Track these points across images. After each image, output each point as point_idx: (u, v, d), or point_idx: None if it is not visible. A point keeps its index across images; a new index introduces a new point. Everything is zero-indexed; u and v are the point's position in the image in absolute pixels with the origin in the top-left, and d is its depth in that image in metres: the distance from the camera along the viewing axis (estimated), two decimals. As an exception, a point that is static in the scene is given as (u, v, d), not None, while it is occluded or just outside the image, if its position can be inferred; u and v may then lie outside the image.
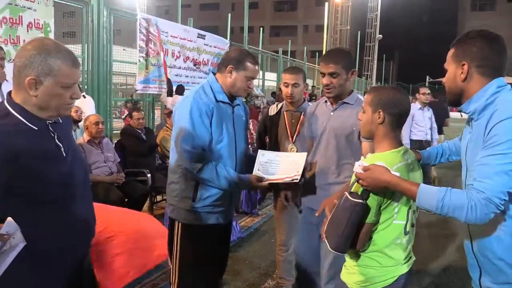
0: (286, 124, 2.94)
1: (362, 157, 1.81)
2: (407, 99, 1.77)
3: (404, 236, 1.72)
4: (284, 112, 2.98)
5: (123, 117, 9.36)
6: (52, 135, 1.49)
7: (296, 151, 2.82)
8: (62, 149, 1.51)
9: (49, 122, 1.49)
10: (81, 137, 4.62)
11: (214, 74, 2.39)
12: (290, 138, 2.92)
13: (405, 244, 1.74)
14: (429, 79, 37.10)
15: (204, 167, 2.19)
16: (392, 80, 47.01)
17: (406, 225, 1.71)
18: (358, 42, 27.78)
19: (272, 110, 3.08)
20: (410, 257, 1.80)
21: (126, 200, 4.32)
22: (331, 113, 2.46)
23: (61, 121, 1.58)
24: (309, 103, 3.02)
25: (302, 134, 2.85)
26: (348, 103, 2.42)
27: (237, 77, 2.31)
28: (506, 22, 45.60)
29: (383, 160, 1.67)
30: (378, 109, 1.73)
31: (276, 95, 12.44)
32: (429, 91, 6.08)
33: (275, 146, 2.96)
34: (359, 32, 27.83)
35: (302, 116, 2.90)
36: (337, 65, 2.31)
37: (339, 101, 2.44)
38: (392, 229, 1.69)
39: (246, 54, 2.37)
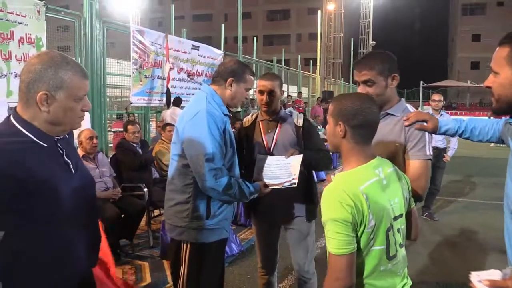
0: (262, 134, 2.68)
1: (332, 176, 1.58)
2: (371, 108, 1.52)
3: (388, 261, 1.49)
4: (260, 122, 2.72)
5: (113, 130, 9.28)
6: (61, 152, 1.45)
7: None
8: (71, 165, 1.47)
9: (57, 139, 1.45)
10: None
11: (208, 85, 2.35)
12: (266, 149, 2.65)
13: (393, 269, 1.51)
14: (423, 84, 37.30)
15: (229, 184, 2.13)
16: (386, 86, 47.11)
17: (388, 249, 1.48)
18: (352, 49, 27.90)
19: (247, 121, 2.82)
20: (404, 284, 1.58)
21: (122, 216, 4.22)
22: None
23: (67, 136, 1.54)
24: (287, 111, 2.77)
25: (279, 144, 2.62)
26: (392, 115, 2.00)
27: (237, 89, 2.31)
28: (496, 26, 46.05)
29: (350, 179, 1.44)
30: (338, 121, 1.51)
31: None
32: (439, 98, 5.94)
33: (252, 159, 2.66)
34: (352, 39, 27.97)
35: (279, 125, 2.67)
36: (372, 71, 1.95)
37: (381, 111, 2.03)
38: (372, 256, 1.46)
39: (245, 66, 2.37)
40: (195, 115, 2.15)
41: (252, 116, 2.83)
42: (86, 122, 6.42)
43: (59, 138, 1.46)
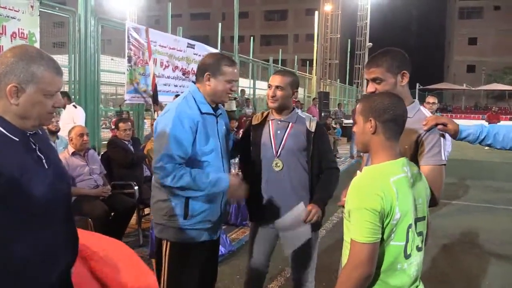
0: (271, 134, 2.52)
1: (358, 171, 1.63)
2: (400, 104, 1.57)
3: (405, 260, 1.49)
4: (270, 121, 2.56)
5: (113, 127, 9.26)
6: (34, 146, 1.43)
7: (282, 168, 2.47)
8: (44, 160, 1.44)
9: (29, 133, 1.43)
10: (61, 148, 4.48)
11: (194, 83, 2.33)
12: (274, 152, 2.49)
13: (408, 270, 1.50)
14: (419, 86, 37.41)
15: (180, 174, 2.10)
16: (383, 88, 47.26)
17: (406, 247, 1.48)
18: (349, 50, 27.95)
19: (256, 119, 2.64)
20: (416, 287, 1.57)
21: (112, 214, 4.18)
22: None
23: (40, 132, 1.52)
24: (300, 112, 2.64)
25: (288, 147, 2.48)
26: None
27: (216, 83, 2.25)
28: (493, 29, 46.38)
29: (380, 172, 1.48)
30: (369, 117, 1.55)
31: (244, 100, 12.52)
32: (433, 100, 5.85)
33: (257, 161, 2.54)
34: (349, 41, 28.02)
35: (290, 126, 2.52)
36: (379, 68, 1.91)
37: None
38: (390, 251, 1.46)
39: (221, 58, 2.30)
40: (164, 114, 2.20)
41: (262, 114, 2.66)
42: (81, 119, 6.37)
43: (31, 133, 1.44)
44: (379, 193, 1.41)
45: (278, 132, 2.51)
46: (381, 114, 1.54)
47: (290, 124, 2.52)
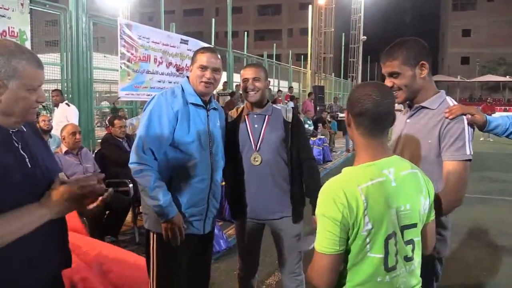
0: (249, 129, 2.48)
1: (342, 169, 1.50)
2: (372, 95, 1.37)
3: (386, 272, 1.34)
4: (245, 116, 2.52)
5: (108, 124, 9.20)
6: (16, 144, 1.39)
7: (261, 162, 2.43)
8: (27, 159, 1.40)
9: (12, 131, 1.39)
10: (54, 146, 4.44)
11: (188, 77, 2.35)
12: (253, 146, 2.45)
13: (392, 282, 1.36)
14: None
15: (145, 171, 2.09)
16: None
17: (386, 259, 1.34)
18: (343, 44, 27.89)
19: (232, 115, 2.61)
20: None
21: (107, 212, 4.15)
22: (407, 120, 1.90)
23: (25, 130, 1.47)
24: (281, 105, 2.62)
25: (267, 140, 2.44)
26: (427, 108, 1.82)
27: (192, 72, 2.28)
28: (486, 21, 46.45)
29: (350, 177, 1.35)
30: (347, 109, 1.44)
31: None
32: None
33: (237, 157, 2.48)
34: (343, 34, 27.95)
35: (266, 119, 2.49)
36: (395, 61, 1.78)
37: (415, 105, 1.87)
38: (367, 264, 1.33)
39: (200, 48, 2.35)
40: (148, 103, 2.25)
41: (237, 109, 2.62)
42: (75, 117, 6.32)
43: (14, 130, 1.40)
44: (342, 201, 1.28)
45: (256, 126, 2.49)
46: (352, 107, 1.41)
47: (267, 116, 2.50)
